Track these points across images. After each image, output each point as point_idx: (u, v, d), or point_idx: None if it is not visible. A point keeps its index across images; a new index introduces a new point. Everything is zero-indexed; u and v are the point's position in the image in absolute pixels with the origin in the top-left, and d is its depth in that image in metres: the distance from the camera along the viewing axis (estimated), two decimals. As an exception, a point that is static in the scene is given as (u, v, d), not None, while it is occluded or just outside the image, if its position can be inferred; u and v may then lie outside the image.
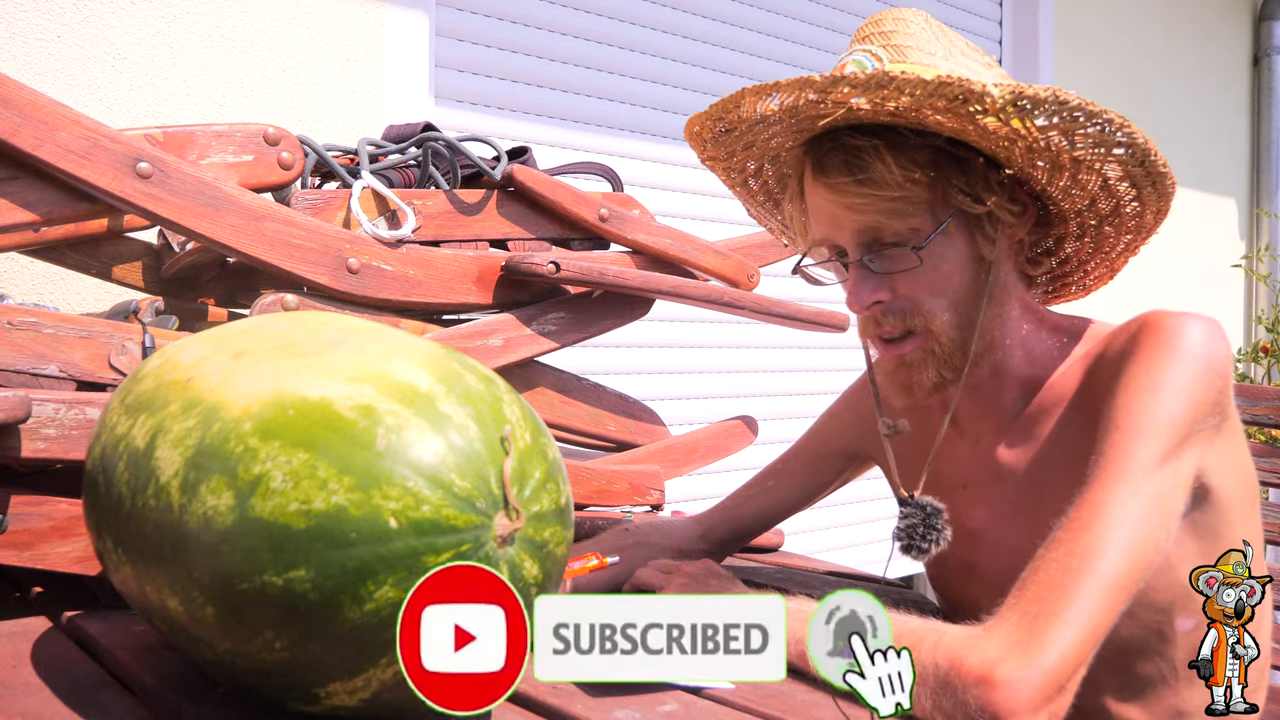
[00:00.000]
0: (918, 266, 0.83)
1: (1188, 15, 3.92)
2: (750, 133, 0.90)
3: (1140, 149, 0.78)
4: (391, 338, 0.68)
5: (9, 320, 0.92)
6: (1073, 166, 0.81)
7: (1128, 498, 0.74)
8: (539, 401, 1.29)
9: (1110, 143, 0.78)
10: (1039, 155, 0.81)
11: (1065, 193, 0.85)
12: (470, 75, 2.24)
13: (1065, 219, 0.90)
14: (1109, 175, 0.82)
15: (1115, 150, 0.79)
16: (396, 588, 0.56)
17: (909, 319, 0.86)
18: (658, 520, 1.22)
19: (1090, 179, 0.82)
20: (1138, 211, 0.87)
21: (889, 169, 0.81)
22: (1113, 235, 0.90)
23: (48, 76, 1.68)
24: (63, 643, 0.83)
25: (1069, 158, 0.80)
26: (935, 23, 0.87)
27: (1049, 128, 0.77)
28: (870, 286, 0.85)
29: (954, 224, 0.84)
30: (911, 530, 0.86)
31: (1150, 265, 3.63)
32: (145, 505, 0.62)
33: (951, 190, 0.82)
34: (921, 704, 0.70)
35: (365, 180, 1.16)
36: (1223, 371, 0.79)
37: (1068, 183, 0.83)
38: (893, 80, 0.75)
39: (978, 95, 0.74)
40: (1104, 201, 0.86)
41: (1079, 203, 0.86)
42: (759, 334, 2.70)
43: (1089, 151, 0.79)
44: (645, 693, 0.75)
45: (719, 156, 0.96)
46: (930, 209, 0.83)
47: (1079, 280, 0.98)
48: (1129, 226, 0.89)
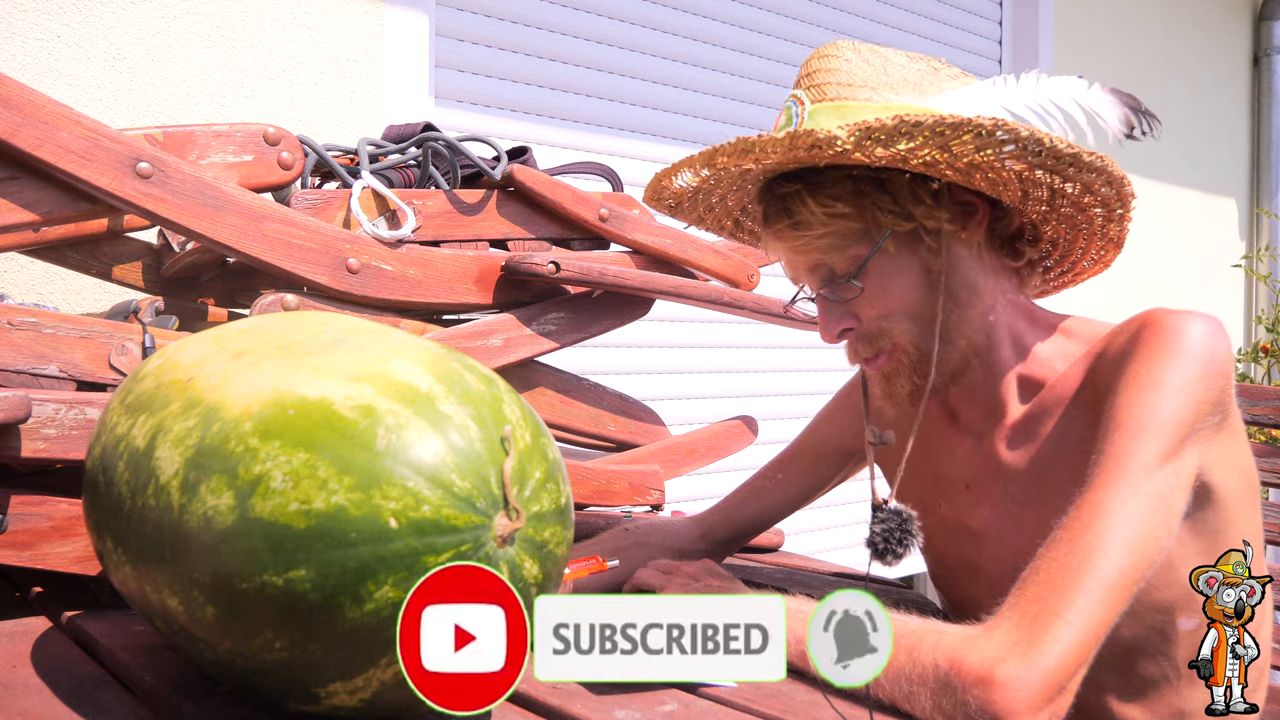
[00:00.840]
0: (861, 293, 0.87)
1: (1188, 15, 3.92)
2: (699, 203, 0.97)
3: (1029, 141, 0.78)
4: (391, 338, 0.68)
5: (9, 320, 0.92)
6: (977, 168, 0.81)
7: (1129, 496, 0.74)
8: (539, 401, 1.29)
9: (994, 143, 0.78)
10: (935, 167, 0.81)
11: (993, 187, 0.85)
12: (470, 75, 2.24)
13: (1020, 208, 0.89)
14: (1018, 169, 0.82)
15: (1006, 148, 0.79)
16: (396, 588, 0.56)
17: (876, 341, 0.89)
18: (657, 520, 1.22)
19: (1003, 174, 0.83)
20: (1081, 189, 0.85)
21: (810, 210, 0.85)
22: (1078, 214, 0.89)
23: (48, 76, 1.68)
24: (63, 643, 0.83)
25: (964, 164, 0.81)
26: (867, 50, 0.88)
27: (920, 148, 0.78)
28: (835, 317, 0.90)
29: (892, 244, 0.85)
30: (888, 535, 0.86)
31: (1150, 265, 3.63)
32: (145, 505, 0.62)
33: (880, 213, 0.85)
34: (921, 704, 0.70)
35: (365, 180, 1.16)
36: (1224, 370, 0.79)
37: (985, 182, 0.84)
38: (754, 145, 0.80)
39: (827, 142, 0.77)
40: (1035, 190, 0.86)
41: (1014, 193, 0.86)
42: (759, 334, 2.70)
43: (978, 156, 0.80)
44: (645, 692, 0.75)
45: (693, 221, 1.02)
46: (864, 235, 0.86)
47: (1084, 258, 0.96)
48: (1085, 203, 0.87)
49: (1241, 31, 4.19)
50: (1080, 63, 3.44)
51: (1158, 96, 3.75)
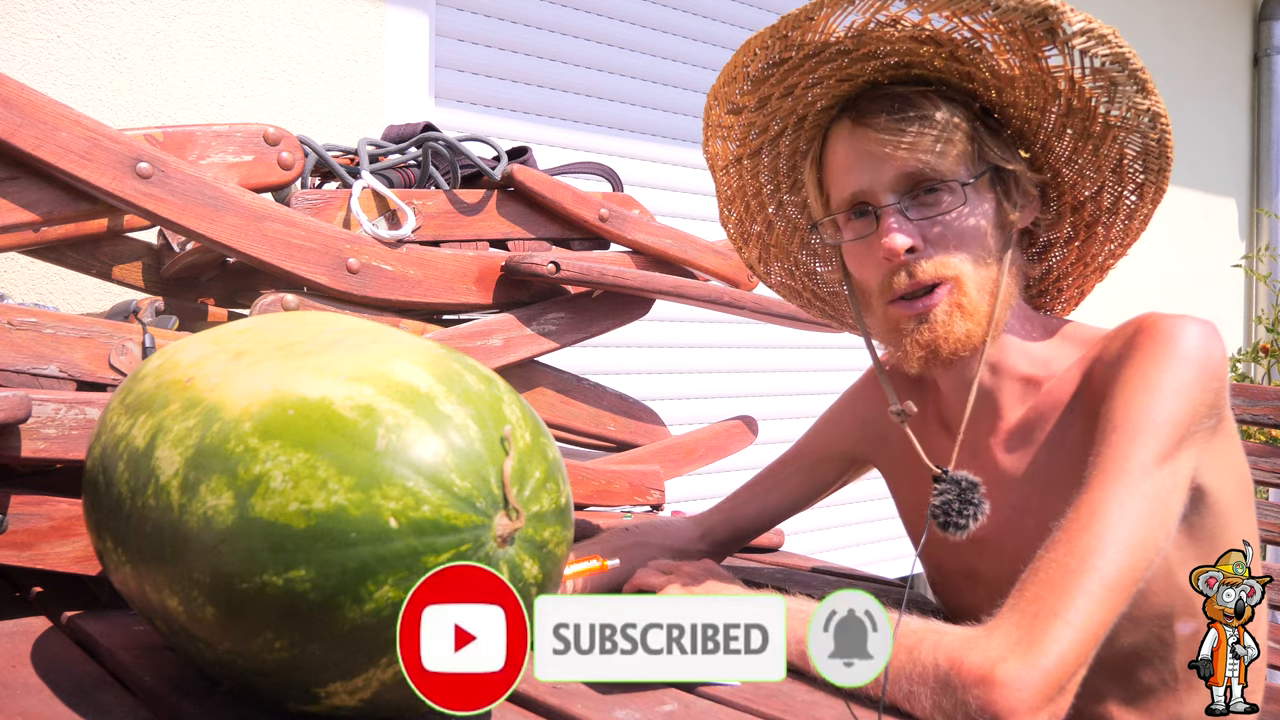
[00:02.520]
0: (955, 209, 0.85)
1: (1188, 15, 3.92)
2: (799, 70, 0.90)
3: (1162, 123, 0.82)
4: (391, 338, 0.68)
5: (9, 320, 0.92)
6: (1100, 134, 0.83)
7: (1126, 498, 0.74)
8: (539, 401, 1.29)
9: (1140, 108, 0.81)
10: (1072, 120, 0.83)
11: (1080, 174, 0.88)
12: (470, 75, 2.24)
13: (1063, 215, 0.92)
14: (1128, 151, 0.85)
15: (1142, 119, 0.82)
16: (396, 588, 0.56)
17: (940, 268, 0.86)
18: (658, 520, 1.22)
19: (1111, 153, 0.85)
20: (1132, 209, 0.89)
21: (938, 108, 0.85)
22: (1101, 238, 0.92)
23: (48, 76, 1.68)
24: (63, 643, 0.83)
25: (1101, 123, 0.83)
26: None
27: (1101, 74, 0.80)
28: (906, 231, 0.86)
29: (986, 180, 0.87)
30: (948, 506, 0.85)
31: (1150, 265, 3.63)
32: (145, 505, 0.62)
33: (986, 146, 0.86)
34: (921, 704, 0.70)
35: (365, 180, 1.17)
36: (1219, 373, 0.80)
37: (1087, 158, 0.86)
38: None
39: (1058, 12, 0.77)
40: (1110, 189, 0.88)
41: (1088, 189, 0.88)
42: (759, 334, 2.70)
43: (1121, 114, 0.82)
44: (645, 692, 0.75)
45: (749, 105, 0.94)
46: (967, 161, 0.86)
47: (1049, 305, 1.01)
48: (1116, 233, 0.91)
49: (1241, 32, 4.19)
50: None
51: (1158, 97, 3.75)
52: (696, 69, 2.65)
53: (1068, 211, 0.92)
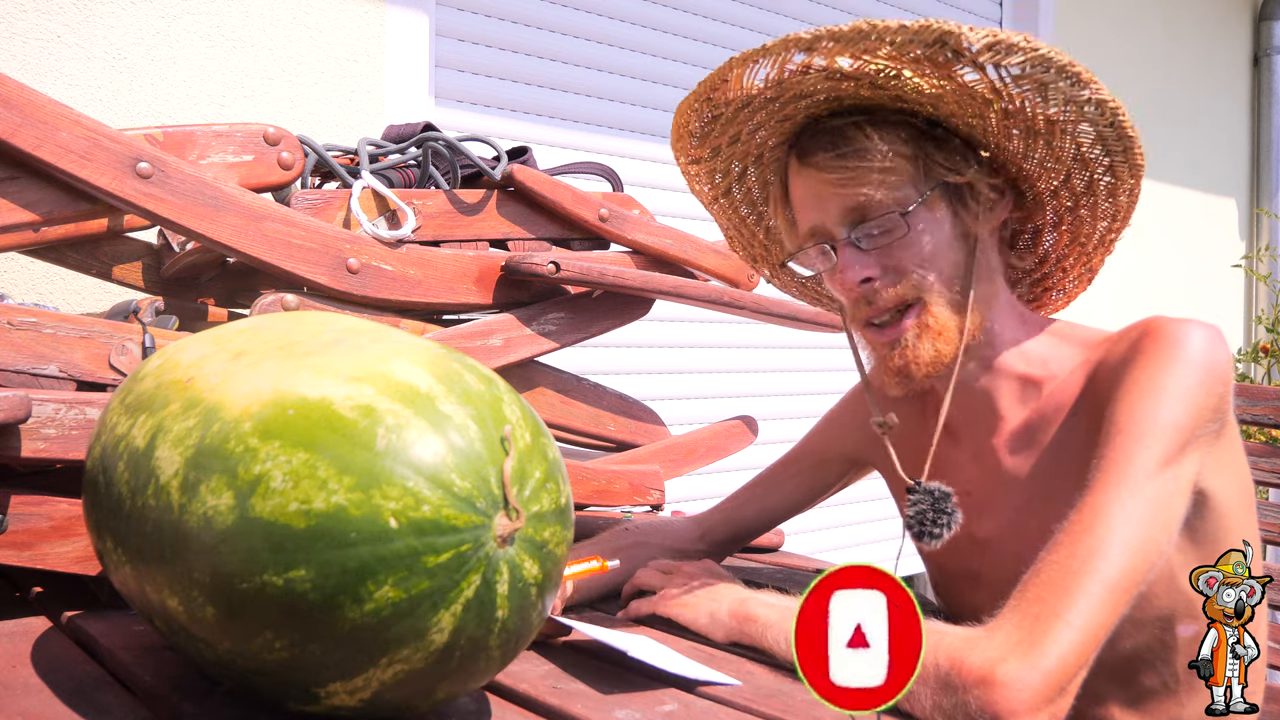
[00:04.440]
0: (905, 235, 0.85)
1: (1188, 15, 3.92)
2: (736, 121, 0.91)
3: (1110, 108, 0.79)
4: (391, 338, 0.68)
5: (9, 320, 0.92)
6: (1046, 131, 0.82)
7: (1129, 500, 0.74)
8: (539, 401, 1.29)
9: (1080, 100, 0.79)
10: (1014, 121, 0.82)
11: (1041, 166, 0.86)
12: (470, 75, 2.24)
13: (1041, 204, 0.90)
14: (1082, 140, 0.83)
15: (1086, 109, 0.80)
16: (396, 588, 0.56)
17: (901, 291, 0.86)
18: (657, 520, 1.22)
19: (1064, 145, 0.83)
20: (1111, 188, 0.87)
21: (872, 140, 0.84)
22: (1089, 219, 0.90)
23: (48, 76, 1.68)
24: (63, 643, 0.83)
25: (1043, 120, 0.81)
26: None
27: (1024, 79, 0.78)
28: (860, 263, 0.86)
29: (937, 196, 0.86)
30: (922, 516, 0.85)
31: (1150, 265, 3.63)
32: (145, 505, 0.62)
33: (932, 164, 0.85)
34: (922, 704, 0.70)
35: (365, 180, 1.16)
36: (1224, 377, 0.80)
37: (1043, 153, 0.84)
38: (874, 29, 0.77)
39: (955, 36, 0.75)
40: (1078, 175, 0.86)
41: (1054, 179, 0.87)
42: (759, 334, 2.70)
43: (1061, 110, 0.80)
44: (645, 692, 0.75)
45: (704, 156, 0.97)
46: (913, 183, 0.85)
47: (1059, 284, 0.99)
48: (1104, 210, 0.89)
49: (1241, 32, 4.19)
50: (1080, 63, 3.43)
51: (1158, 97, 3.75)
52: (697, 69, 2.65)
53: (1045, 199, 0.90)
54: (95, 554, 0.72)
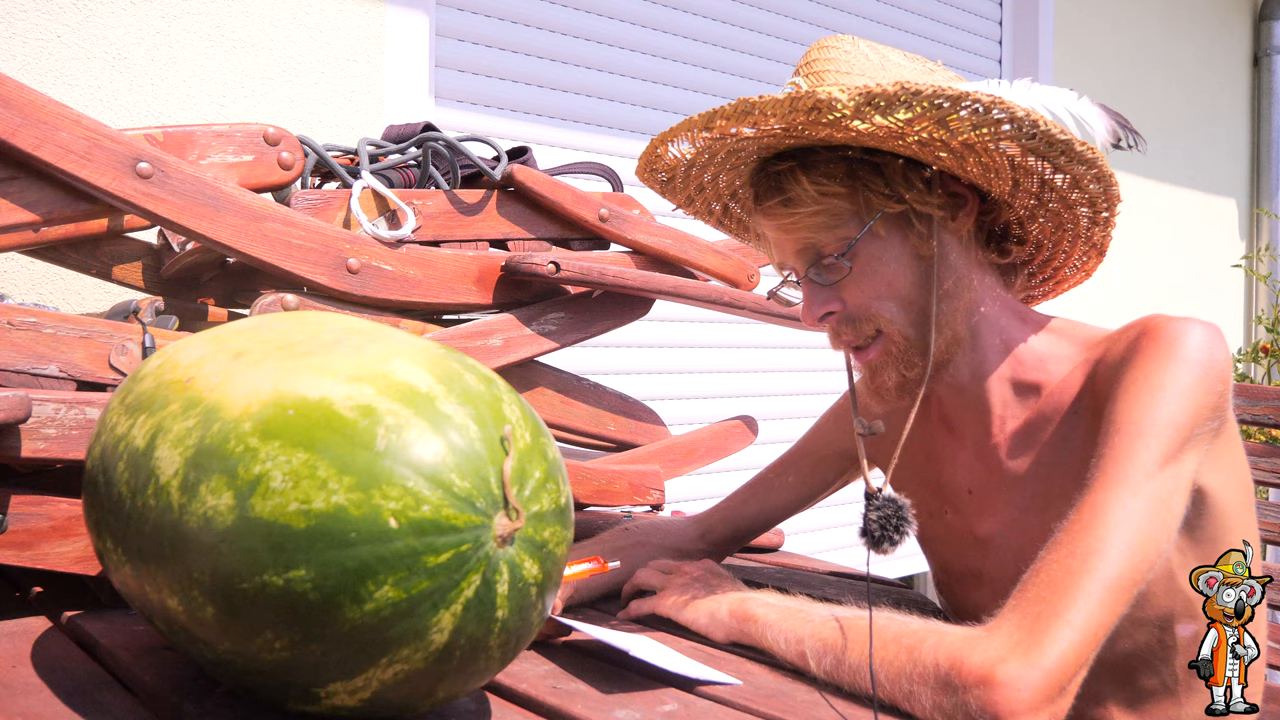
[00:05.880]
0: (849, 275, 0.87)
1: (1188, 15, 3.92)
2: (691, 179, 0.96)
3: (1024, 121, 0.78)
4: (391, 338, 0.68)
5: (9, 320, 0.92)
6: (989, 140, 0.81)
7: (1128, 499, 0.74)
8: (539, 401, 1.29)
9: (989, 121, 0.78)
10: (935, 146, 0.82)
11: (984, 177, 0.85)
12: (470, 75, 2.24)
13: (1007, 201, 0.89)
14: (1011, 153, 0.82)
15: (1003, 127, 0.79)
16: (396, 588, 0.56)
17: (862, 325, 0.89)
18: (658, 520, 1.22)
19: (996, 159, 0.83)
20: (1070, 183, 0.85)
21: (803, 187, 0.86)
22: (1063, 209, 0.89)
23: (48, 76, 1.68)
24: (63, 643, 0.83)
25: (959, 144, 0.81)
26: (865, 45, 0.90)
27: (918, 120, 0.78)
28: (819, 300, 0.89)
29: (882, 226, 0.86)
30: (883, 522, 0.85)
31: (1150, 265, 3.63)
32: (145, 505, 0.62)
33: (871, 195, 0.85)
34: (922, 704, 0.70)
35: (365, 180, 1.16)
36: (1223, 376, 0.80)
37: (978, 168, 0.84)
38: (755, 105, 0.80)
39: (827, 104, 0.77)
40: (1025, 179, 0.85)
41: (1004, 184, 0.86)
42: (759, 334, 2.70)
43: (973, 135, 0.80)
44: (645, 692, 0.75)
45: (682, 202, 1.02)
46: (855, 217, 0.86)
47: (1067, 261, 0.97)
48: (1076, 199, 0.87)
49: (1241, 32, 4.19)
50: (1080, 63, 3.44)
51: (1158, 97, 3.75)
52: (696, 69, 2.65)
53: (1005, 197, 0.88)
54: (95, 554, 0.72)
